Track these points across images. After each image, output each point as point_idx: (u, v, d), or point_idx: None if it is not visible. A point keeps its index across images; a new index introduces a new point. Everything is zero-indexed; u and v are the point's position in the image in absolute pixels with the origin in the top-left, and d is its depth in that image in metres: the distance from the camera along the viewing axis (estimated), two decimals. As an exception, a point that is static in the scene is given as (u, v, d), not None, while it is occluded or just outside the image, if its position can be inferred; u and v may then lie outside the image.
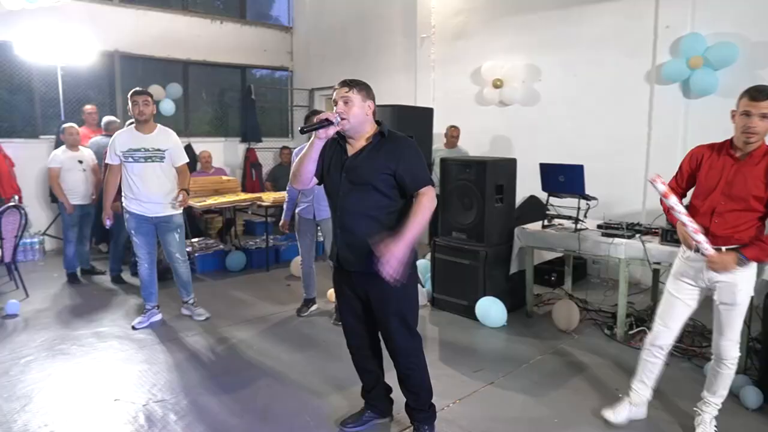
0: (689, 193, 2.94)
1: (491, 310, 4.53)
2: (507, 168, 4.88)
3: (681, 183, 2.93)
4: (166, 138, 4.46)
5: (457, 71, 7.36)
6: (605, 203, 4.86)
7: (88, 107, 6.95)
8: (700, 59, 5.14)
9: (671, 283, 2.93)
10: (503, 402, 3.33)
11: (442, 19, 7.50)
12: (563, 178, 4.52)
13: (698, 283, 2.81)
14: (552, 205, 4.73)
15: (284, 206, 4.91)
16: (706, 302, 2.89)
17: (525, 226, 4.79)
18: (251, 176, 9.15)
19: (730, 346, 2.77)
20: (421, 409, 2.83)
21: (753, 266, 2.72)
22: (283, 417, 3.12)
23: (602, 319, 4.65)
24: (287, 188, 4.87)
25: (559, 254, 4.86)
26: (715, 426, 2.90)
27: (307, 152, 2.56)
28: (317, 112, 4.50)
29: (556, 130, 6.37)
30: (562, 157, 5.27)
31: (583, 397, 3.38)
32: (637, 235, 4.15)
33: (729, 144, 2.74)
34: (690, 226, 2.64)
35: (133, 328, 4.46)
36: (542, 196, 4.99)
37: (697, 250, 2.70)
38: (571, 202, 4.58)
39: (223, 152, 9.12)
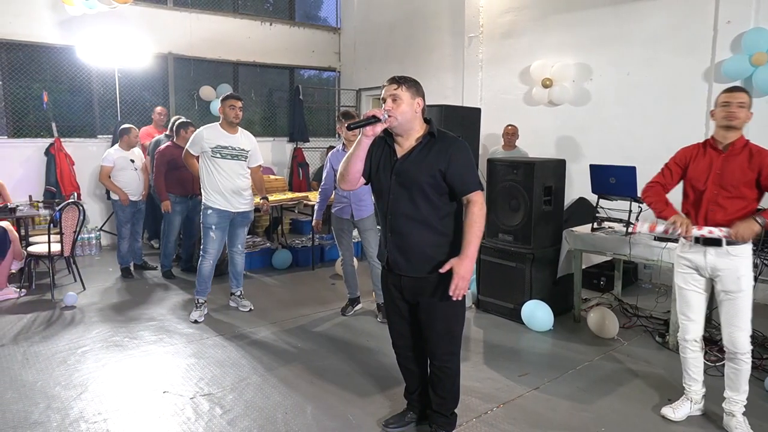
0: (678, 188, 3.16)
1: (537, 313, 4.44)
2: (556, 169, 4.77)
3: (669, 180, 3.13)
4: (248, 140, 4.79)
5: (506, 71, 7.26)
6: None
7: (158, 109, 7.26)
8: (764, 55, 4.90)
9: (678, 277, 3.09)
10: (548, 408, 3.25)
11: (490, 17, 7.41)
12: (614, 180, 4.39)
13: (702, 273, 2.97)
14: (602, 207, 4.60)
15: (316, 206, 4.93)
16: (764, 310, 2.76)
17: (573, 228, 4.68)
18: (298, 175, 9.29)
19: (743, 337, 2.86)
20: (443, 414, 2.81)
21: (750, 254, 2.89)
22: (326, 415, 3.14)
23: (654, 326, 4.49)
24: (320, 187, 4.89)
25: (608, 258, 4.72)
26: (747, 422, 2.96)
27: (354, 151, 2.51)
28: (349, 115, 4.53)
29: (608, 131, 6.20)
30: (614, 159, 5.13)
31: (632, 406, 3.27)
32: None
33: (712, 141, 2.98)
34: (705, 229, 2.85)
35: (195, 322, 4.61)
36: (592, 198, 4.86)
37: (696, 239, 2.92)
38: (622, 204, 4.44)
39: (271, 151, 9.28)
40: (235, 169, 4.63)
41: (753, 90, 5.02)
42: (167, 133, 6.30)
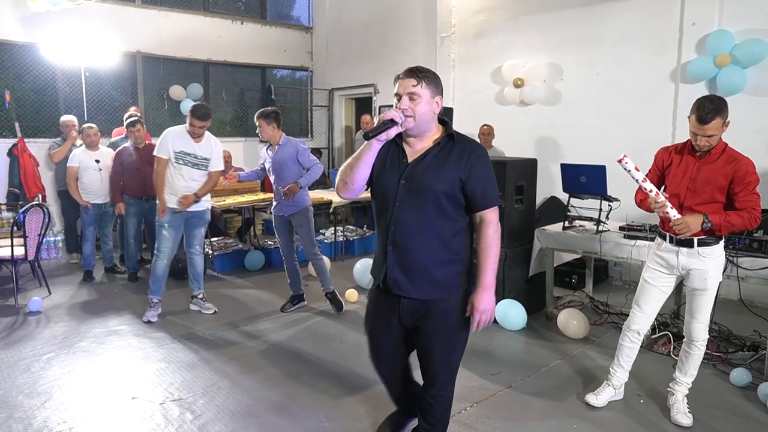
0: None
1: (510, 312, 4.47)
2: (527, 168, 4.81)
3: (654, 181, 3.13)
4: (211, 148, 4.73)
5: (478, 70, 7.30)
6: (628, 204, 4.75)
7: (132, 109, 7.06)
8: (727, 57, 5.01)
9: (647, 271, 3.16)
10: (521, 406, 3.27)
11: (462, 18, 7.44)
12: (585, 179, 4.44)
13: (672, 272, 3.06)
14: (573, 206, 4.65)
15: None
16: (732, 306, 2.83)
17: (545, 227, 4.72)
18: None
19: (700, 329, 3.05)
20: None
21: (722, 255, 2.99)
22: (298, 416, 3.10)
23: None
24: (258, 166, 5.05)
25: (579, 256, 4.77)
26: (687, 404, 3.12)
27: (361, 156, 2.16)
28: (267, 114, 4.68)
29: (578, 130, 6.28)
30: (584, 158, 5.19)
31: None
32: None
33: (690, 145, 2.99)
34: (660, 199, 2.87)
35: (149, 321, 4.57)
36: (563, 197, 4.91)
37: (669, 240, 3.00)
38: (592, 203, 4.49)
39: (242, 152, 9.18)
40: (192, 175, 4.60)
41: (717, 91, 5.14)
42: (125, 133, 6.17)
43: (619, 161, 2.88)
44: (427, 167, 2.15)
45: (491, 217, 2.21)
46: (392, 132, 2.11)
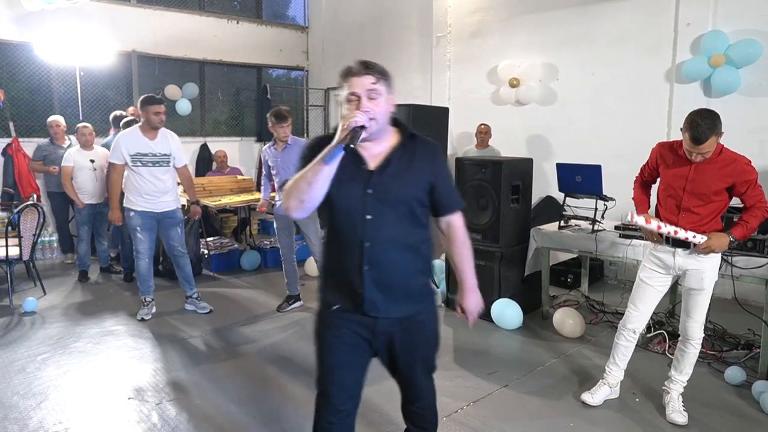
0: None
1: (507, 311, 4.48)
2: (523, 168, 4.83)
3: (647, 175, 3.26)
4: (170, 142, 4.64)
5: (473, 70, 7.31)
6: (623, 204, 4.78)
7: (132, 109, 7.03)
8: (722, 57, 5.04)
9: (643, 271, 3.19)
10: (517, 405, 3.28)
11: (458, 17, 7.45)
12: (580, 179, 4.46)
13: (668, 272, 3.09)
14: (569, 205, 4.67)
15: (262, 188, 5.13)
16: (727, 304, 2.86)
17: (541, 226, 4.73)
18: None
19: (696, 327, 3.08)
20: None
21: (717, 255, 3.02)
22: (296, 415, 3.10)
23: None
24: (277, 185, 4.82)
25: (575, 255, 4.79)
26: (682, 403, 3.14)
27: (322, 170, 1.84)
28: (282, 117, 4.60)
29: (574, 130, 6.30)
30: (580, 157, 5.21)
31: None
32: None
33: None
34: (681, 233, 2.90)
35: (143, 319, 4.60)
36: (559, 196, 4.92)
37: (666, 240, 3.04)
38: (588, 202, 4.51)
39: (238, 151, 9.17)
40: (156, 174, 4.53)
41: (711, 91, 5.17)
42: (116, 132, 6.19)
43: (630, 219, 2.94)
44: (395, 173, 1.94)
45: (460, 220, 2.14)
46: (356, 142, 1.84)
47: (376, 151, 1.96)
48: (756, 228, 2.97)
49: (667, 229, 2.92)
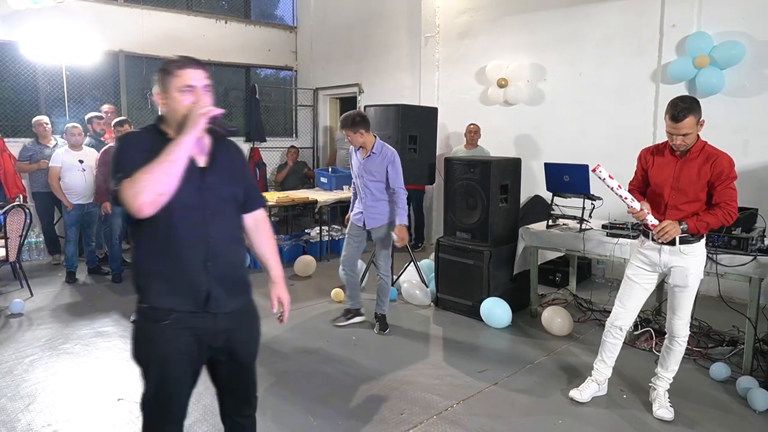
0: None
1: (496, 310, 4.51)
2: (511, 168, 4.86)
3: (638, 184, 3.25)
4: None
5: (462, 71, 7.34)
6: (610, 203, 4.83)
7: (106, 107, 6.98)
8: (706, 58, 5.11)
9: (631, 269, 3.22)
10: (507, 403, 3.31)
11: (446, 18, 7.48)
12: (568, 178, 4.50)
13: (655, 269, 3.12)
14: (557, 205, 4.71)
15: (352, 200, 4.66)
16: (712, 302, 2.90)
17: (529, 226, 4.77)
18: (255, 175, 9.16)
19: (681, 325, 3.11)
20: None
21: (703, 253, 3.07)
22: (286, 417, 3.11)
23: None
24: (352, 183, 4.62)
25: (563, 254, 4.84)
26: (669, 399, 3.19)
27: (179, 159, 1.78)
28: (348, 123, 4.19)
29: (561, 130, 6.35)
30: (567, 157, 5.26)
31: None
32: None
33: (670, 145, 3.03)
34: (635, 205, 2.93)
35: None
36: (547, 196, 4.97)
37: (652, 238, 3.06)
38: (575, 202, 4.56)
39: (227, 152, 9.11)
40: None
41: (696, 91, 5.23)
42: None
43: (593, 170, 2.95)
44: (222, 170, 1.97)
45: (264, 213, 2.22)
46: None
47: (198, 149, 1.93)
48: (712, 225, 2.93)
49: (625, 194, 2.92)
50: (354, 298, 4.60)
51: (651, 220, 2.94)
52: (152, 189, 1.74)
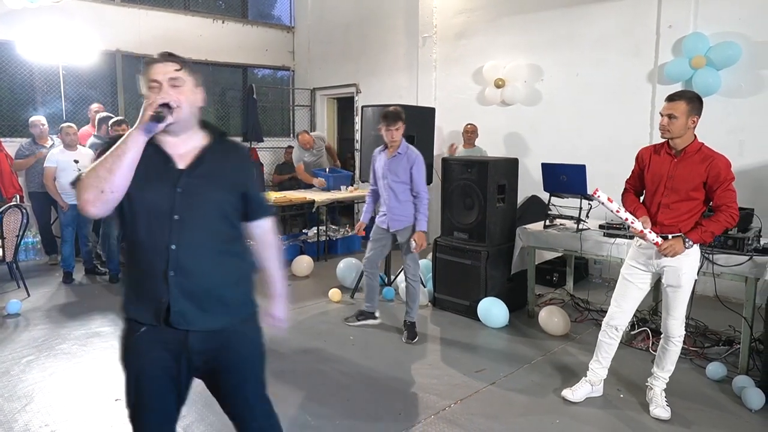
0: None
1: (493, 310, 4.52)
2: (509, 168, 4.87)
3: (634, 183, 3.26)
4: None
5: (459, 71, 7.35)
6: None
7: (94, 106, 6.96)
8: (702, 59, 5.13)
9: (626, 268, 3.24)
10: (504, 403, 3.32)
11: (444, 18, 7.49)
12: (565, 178, 4.51)
13: (649, 269, 3.14)
14: (554, 205, 4.72)
15: (364, 207, 4.63)
16: (708, 301, 2.91)
17: (526, 226, 4.78)
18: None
19: (676, 325, 3.12)
20: None
21: (696, 253, 3.07)
22: (283, 417, 3.10)
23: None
24: (369, 188, 4.55)
25: (560, 254, 4.85)
26: (665, 398, 3.20)
27: (125, 154, 1.68)
28: (388, 118, 4.13)
29: (558, 130, 6.36)
30: (564, 157, 5.27)
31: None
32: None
33: (667, 144, 3.07)
34: (636, 225, 2.94)
35: None
36: (544, 196, 4.98)
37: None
38: (573, 202, 4.57)
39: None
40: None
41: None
42: (97, 133, 6.20)
43: (593, 194, 2.92)
44: (207, 174, 1.81)
45: (272, 224, 2.03)
46: (161, 125, 1.72)
47: (183, 150, 1.82)
48: (717, 232, 2.97)
49: (625, 215, 2.92)
50: (371, 300, 4.57)
51: (653, 237, 2.95)
52: (94, 185, 1.67)
